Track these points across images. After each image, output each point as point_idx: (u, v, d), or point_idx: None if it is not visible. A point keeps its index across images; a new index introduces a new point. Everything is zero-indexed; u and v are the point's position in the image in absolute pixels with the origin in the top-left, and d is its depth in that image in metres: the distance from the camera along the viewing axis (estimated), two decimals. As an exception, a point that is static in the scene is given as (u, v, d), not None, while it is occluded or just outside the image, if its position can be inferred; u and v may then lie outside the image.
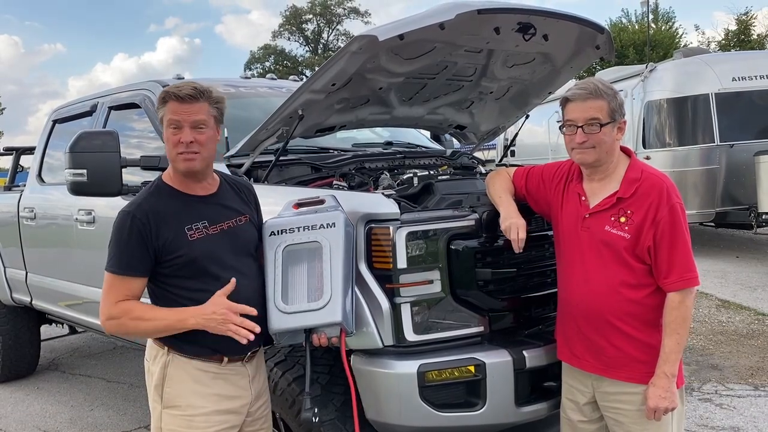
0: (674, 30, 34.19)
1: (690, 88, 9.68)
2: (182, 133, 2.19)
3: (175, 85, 2.22)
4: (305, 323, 2.21)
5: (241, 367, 2.31)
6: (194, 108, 2.19)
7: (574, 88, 2.38)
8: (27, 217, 4.97)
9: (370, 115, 3.56)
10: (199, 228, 2.24)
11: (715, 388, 4.74)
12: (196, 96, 2.19)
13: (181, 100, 2.18)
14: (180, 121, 2.18)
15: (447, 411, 2.44)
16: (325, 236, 2.26)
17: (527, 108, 3.89)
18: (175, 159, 2.23)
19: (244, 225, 2.37)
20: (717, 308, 6.77)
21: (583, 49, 3.29)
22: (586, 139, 2.33)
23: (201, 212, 2.28)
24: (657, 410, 2.28)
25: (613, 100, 2.32)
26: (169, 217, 2.21)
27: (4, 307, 5.54)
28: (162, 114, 2.22)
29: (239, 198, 2.43)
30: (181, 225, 2.22)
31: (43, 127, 5.34)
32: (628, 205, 2.32)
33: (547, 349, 2.58)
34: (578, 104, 2.34)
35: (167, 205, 2.24)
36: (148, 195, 2.26)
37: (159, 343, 2.27)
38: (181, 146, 2.19)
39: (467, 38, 2.94)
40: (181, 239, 2.20)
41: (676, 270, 2.26)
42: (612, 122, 2.32)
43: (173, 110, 2.19)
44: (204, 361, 2.24)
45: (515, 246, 2.44)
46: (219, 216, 2.30)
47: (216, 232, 2.27)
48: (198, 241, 2.22)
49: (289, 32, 52.83)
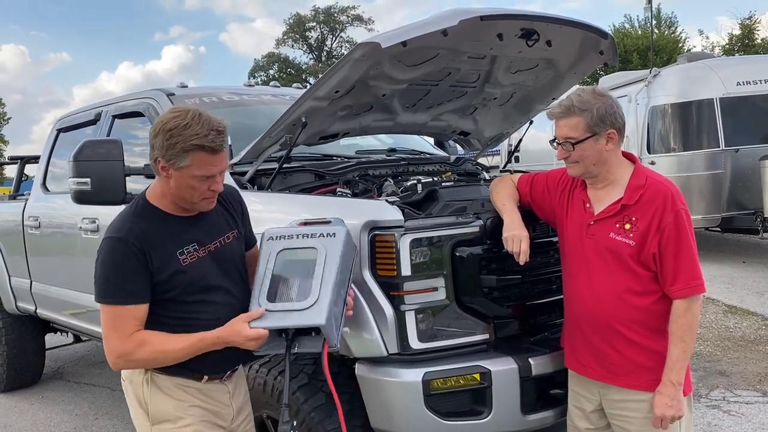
0: (678, 35, 34.20)
1: (694, 93, 9.65)
2: (214, 182, 2.08)
3: (203, 134, 1.98)
4: (286, 323, 2.06)
5: (220, 384, 2.27)
6: (223, 154, 2.06)
7: (554, 106, 2.41)
8: (31, 226, 4.97)
9: (374, 121, 3.56)
10: (190, 252, 2.14)
11: (723, 395, 4.70)
12: (225, 142, 2.05)
13: (213, 152, 2.02)
14: (214, 175, 2.06)
15: (452, 419, 2.42)
16: (323, 244, 2.18)
17: (531, 114, 3.88)
18: (197, 203, 2.12)
19: (232, 242, 2.28)
20: (724, 314, 6.73)
21: (586, 54, 3.28)
22: (567, 155, 2.36)
23: (191, 235, 2.16)
24: (664, 418, 2.26)
25: (591, 114, 2.28)
26: (160, 242, 2.09)
27: (8, 315, 5.54)
28: (182, 163, 2.00)
29: (226, 211, 2.32)
30: (173, 250, 2.11)
31: (48, 136, 5.35)
32: (633, 211, 2.31)
33: (553, 356, 2.56)
34: (556, 122, 2.38)
35: (158, 230, 2.10)
36: (136, 218, 2.10)
37: None
38: (209, 193, 2.10)
39: (470, 44, 2.94)
40: (174, 265, 2.09)
41: (681, 277, 2.24)
42: (593, 136, 2.30)
43: (205, 163, 2.02)
44: (184, 377, 2.18)
45: (518, 258, 2.43)
46: (207, 237, 2.20)
47: (205, 255, 2.17)
48: (190, 266, 2.12)
49: (292, 40, 53.05)
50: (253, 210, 3.06)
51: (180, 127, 1.98)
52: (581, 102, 2.31)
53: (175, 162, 2.01)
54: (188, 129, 1.98)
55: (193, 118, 1.99)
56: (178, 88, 4.24)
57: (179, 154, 1.99)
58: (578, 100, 2.31)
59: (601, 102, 2.31)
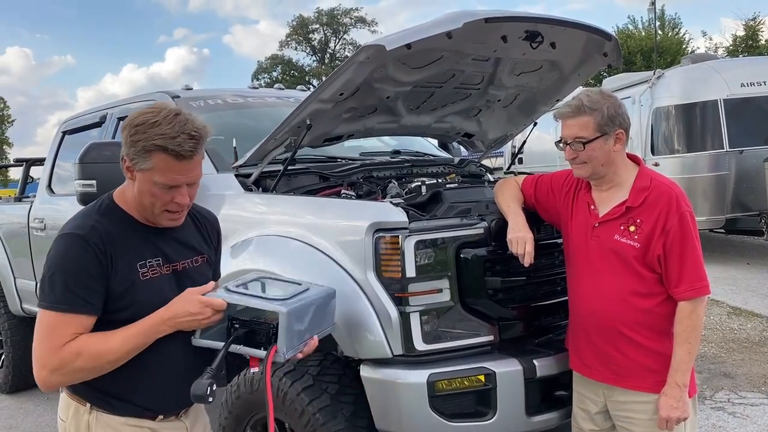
0: (681, 36, 34.15)
1: (698, 94, 9.64)
2: (178, 194, 1.82)
3: (170, 136, 1.73)
4: (244, 301, 1.86)
5: (177, 421, 1.98)
6: (193, 163, 1.79)
7: (563, 106, 2.40)
8: (37, 228, 4.99)
9: (378, 124, 3.57)
10: (153, 266, 1.87)
11: (728, 397, 4.69)
12: (196, 149, 1.78)
13: (180, 158, 1.76)
14: (179, 185, 1.81)
15: (457, 421, 2.43)
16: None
17: (535, 116, 3.88)
18: (157, 215, 1.86)
19: (202, 266, 2.02)
20: (728, 315, 6.71)
21: (590, 56, 3.29)
22: (575, 155, 2.35)
23: (157, 247, 1.90)
24: (669, 420, 2.26)
25: (602, 113, 2.29)
26: (123, 248, 1.82)
27: (13, 317, 5.55)
28: (144, 165, 1.76)
29: (199, 233, 2.07)
30: (135, 260, 1.83)
31: (53, 139, 5.38)
32: (638, 214, 2.31)
33: (558, 358, 2.57)
34: (565, 122, 2.37)
35: (122, 234, 1.84)
36: (100, 217, 1.84)
37: (78, 398, 1.88)
38: (172, 205, 1.84)
39: (475, 47, 2.94)
40: (131, 277, 1.82)
41: (686, 279, 2.24)
42: (602, 136, 2.31)
43: (168, 169, 1.76)
44: (135, 417, 1.89)
45: (522, 260, 2.43)
46: (175, 253, 1.94)
47: (168, 273, 1.90)
48: (147, 283, 1.84)
49: (296, 42, 53.15)
50: (257, 212, 3.09)
51: (147, 124, 1.75)
52: (591, 102, 2.31)
53: (138, 162, 1.78)
54: (155, 127, 1.74)
55: (166, 117, 1.75)
56: (183, 90, 4.26)
57: (141, 153, 1.76)
58: (588, 100, 2.31)
59: (610, 102, 2.33)
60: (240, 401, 2.84)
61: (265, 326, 1.87)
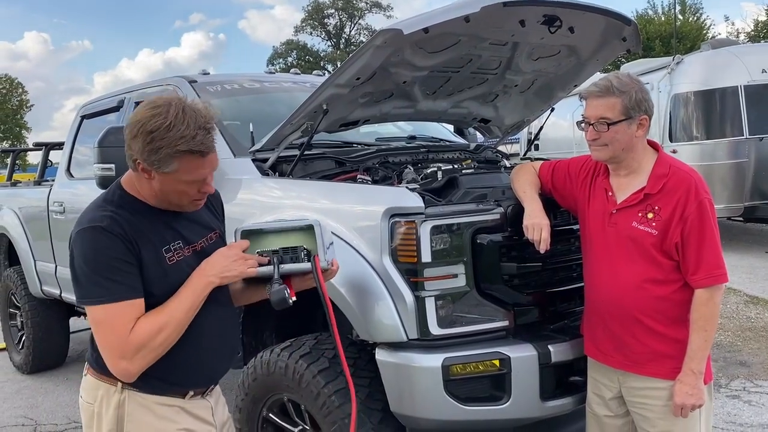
0: (702, 21, 33.57)
1: (718, 80, 9.50)
2: (205, 185, 1.87)
3: (190, 137, 1.73)
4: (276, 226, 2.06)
5: (202, 400, 2.02)
6: (213, 154, 1.83)
7: (590, 86, 2.37)
8: (56, 211, 5.05)
9: (394, 109, 3.56)
10: (176, 249, 1.89)
11: (743, 385, 4.67)
12: (213, 142, 1.81)
13: (203, 155, 1.79)
14: (205, 178, 1.85)
15: (471, 405, 2.44)
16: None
17: (552, 101, 3.86)
18: (185, 205, 1.90)
19: (216, 242, 2.04)
20: (745, 304, 6.66)
21: (609, 41, 3.25)
22: (597, 136, 2.33)
23: (175, 230, 1.91)
24: (684, 407, 2.26)
25: (630, 96, 2.28)
26: (146, 235, 1.83)
27: (34, 299, 5.64)
28: (167, 168, 1.76)
29: (208, 209, 2.09)
30: (159, 245, 1.85)
31: (72, 123, 5.43)
32: (656, 200, 2.29)
33: (573, 343, 2.57)
34: (591, 101, 2.34)
35: (141, 222, 1.84)
36: (115, 207, 1.84)
37: (108, 379, 1.87)
38: (199, 195, 1.89)
39: (492, 31, 2.92)
40: (160, 263, 1.84)
41: (704, 266, 2.23)
42: (627, 119, 2.29)
43: (197, 167, 1.79)
44: (167, 396, 1.92)
45: (538, 246, 2.43)
46: (192, 234, 1.96)
47: (190, 254, 1.92)
48: (176, 266, 1.87)
49: (311, 27, 53.01)
50: (273, 197, 3.11)
51: (162, 129, 1.72)
52: (621, 84, 2.29)
53: (160, 167, 1.77)
54: (172, 130, 1.71)
55: (177, 116, 1.72)
56: (200, 75, 4.27)
57: (164, 159, 1.75)
58: (618, 82, 2.29)
59: (639, 87, 2.31)
60: (257, 383, 2.87)
61: (295, 251, 2.02)
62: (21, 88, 53.95)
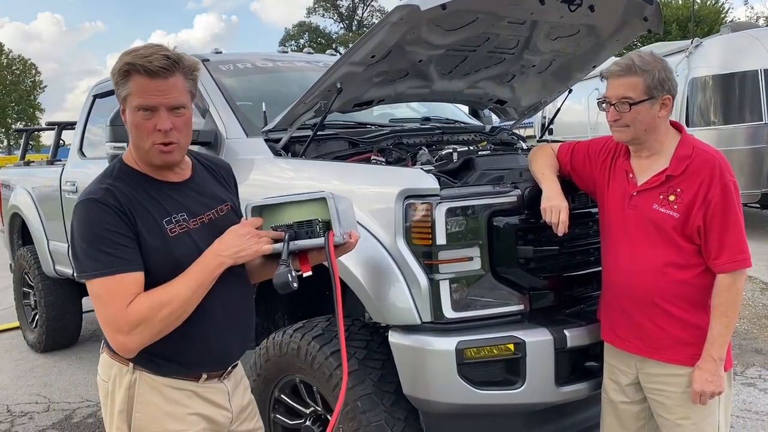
0: (720, 5, 33.03)
1: (738, 64, 9.33)
2: (158, 118, 1.74)
3: (141, 54, 1.70)
4: (289, 198, 1.98)
5: (219, 383, 1.96)
6: (169, 84, 1.72)
7: (611, 65, 2.30)
8: (69, 191, 5.06)
9: (409, 89, 3.50)
10: (179, 221, 1.82)
11: (759, 373, 4.62)
12: (170, 68, 1.72)
13: (152, 75, 1.70)
14: (156, 106, 1.73)
15: (485, 388, 2.41)
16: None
17: (570, 83, 3.77)
18: (149, 151, 1.78)
19: (228, 214, 1.97)
20: (762, 291, 6.58)
21: (629, 21, 3.17)
22: (619, 117, 2.26)
23: (178, 202, 1.85)
24: (703, 394, 2.22)
25: (653, 75, 2.21)
26: (144, 207, 1.78)
27: (47, 278, 5.68)
28: (124, 91, 1.74)
29: (217, 181, 2.03)
30: (159, 217, 1.79)
31: (84, 103, 5.41)
32: (678, 183, 2.24)
33: (589, 328, 2.52)
34: (612, 81, 2.27)
35: (139, 193, 1.79)
36: (112, 180, 1.80)
37: (120, 358, 1.84)
38: (158, 135, 1.75)
39: (511, 9, 2.85)
40: (160, 235, 1.78)
41: (726, 251, 2.18)
42: (649, 99, 2.22)
43: (143, 89, 1.71)
44: (179, 378, 1.87)
45: (556, 229, 2.38)
46: (198, 206, 1.89)
47: (197, 227, 1.86)
48: (178, 238, 1.81)
49: (323, 9, 52.71)
50: (286, 177, 3.08)
51: (125, 52, 1.73)
52: (643, 62, 2.22)
53: (120, 91, 1.75)
54: (131, 52, 1.72)
55: (146, 46, 1.73)
56: (213, 54, 4.23)
57: (118, 80, 1.73)
58: (640, 60, 2.22)
59: (662, 65, 2.24)
60: (269, 364, 2.86)
61: (309, 225, 1.95)
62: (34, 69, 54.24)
